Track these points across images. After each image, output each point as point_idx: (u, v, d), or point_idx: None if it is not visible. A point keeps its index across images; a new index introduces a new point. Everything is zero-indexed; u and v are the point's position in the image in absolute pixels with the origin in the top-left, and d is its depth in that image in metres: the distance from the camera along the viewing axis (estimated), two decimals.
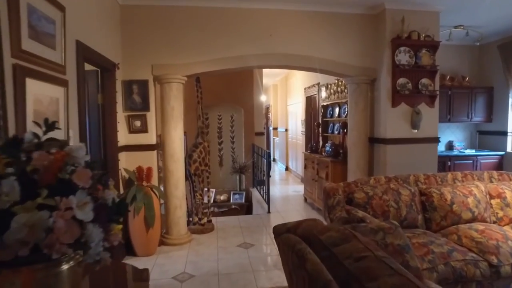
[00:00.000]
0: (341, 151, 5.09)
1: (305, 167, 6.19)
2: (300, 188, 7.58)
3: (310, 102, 7.91)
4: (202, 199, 4.63)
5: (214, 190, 7.53)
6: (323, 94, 6.61)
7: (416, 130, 4.22)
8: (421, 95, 4.17)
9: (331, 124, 6.03)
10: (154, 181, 4.08)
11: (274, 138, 12.78)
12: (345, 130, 5.12)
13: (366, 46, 4.37)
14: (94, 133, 3.56)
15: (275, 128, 12.36)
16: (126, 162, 4.04)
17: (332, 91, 5.87)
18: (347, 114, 5.30)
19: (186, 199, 5.08)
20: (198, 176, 4.51)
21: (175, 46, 4.09)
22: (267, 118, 13.87)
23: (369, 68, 4.38)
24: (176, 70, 4.07)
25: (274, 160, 12.87)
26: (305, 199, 6.34)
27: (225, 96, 7.70)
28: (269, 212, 5.61)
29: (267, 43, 4.18)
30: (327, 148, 5.51)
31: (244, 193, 7.45)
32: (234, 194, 7.50)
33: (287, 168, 10.54)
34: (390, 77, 4.14)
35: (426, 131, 4.24)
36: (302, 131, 8.39)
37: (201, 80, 7.57)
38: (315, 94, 7.32)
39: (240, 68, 4.34)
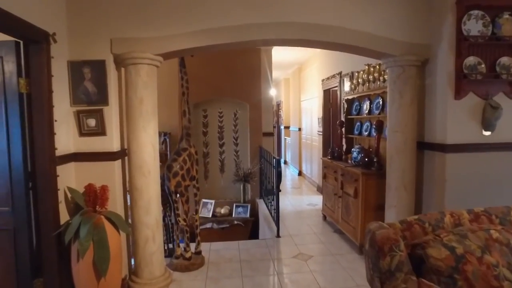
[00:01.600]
0: (375, 159, 3.82)
1: (324, 176, 4.93)
2: (317, 200, 6.31)
3: (328, 96, 6.62)
4: (187, 225, 3.42)
5: (213, 201, 6.35)
6: (346, 86, 5.33)
7: (490, 132, 2.93)
8: (499, 81, 2.88)
9: (358, 123, 4.75)
10: (114, 204, 2.89)
11: (285, 138, 11.51)
12: (380, 131, 3.84)
13: (417, 12, 3.09)
14: (14, 137, 2.39)
15: (287, 127, 11.10)
16: (77, 178, 2.87)
17: (359, 81, 4.58)
18: (381, 109, 4.02)
19: (167, 225, 3.90)
20: (181, 195, 3.30)
21: (145, 11, 2.88)
22: (278, 116, 12.62)
23: (420, 45, 3.10)
24: (146, 47, 2.87)
25: (285, 162, 11.62)
26: (324, 217, 5.08)
27: (227, 89, 6.49)
28: (278, 236, 4.37)
29: (277, 9, 2.94)
30: (355, 155, 4.24)
31: (249, 205, 6.23)
32: (237, 206, 6.30)
33: (300, 173, 9.27)
34: (454, 55, 2.85)
35: (505, 134, 2.94)
36: (318, 131, 7.11)
37: (191, 65, 6.38)
38: (336, 87, 6.03)
39: (238, 44, 3.11)
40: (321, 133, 6.81)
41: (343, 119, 5.14)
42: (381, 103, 4.07)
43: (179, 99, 3.60)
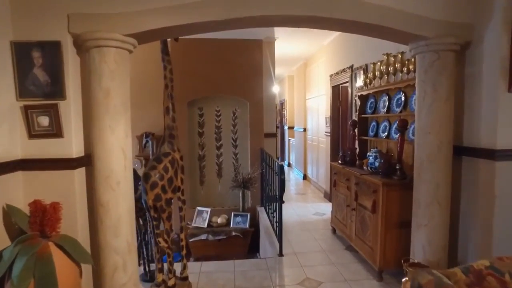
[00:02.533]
0: (397, 167, 3.18)
1: (335, 184, 4.29)
2: (324, 208, 5.68)
3: (338, 93, 5.98)
4: (168, 246, 2.79)
5: (209, 210, 5.74)
6: (359, 81, 4.69)
7: None
8: None
9: (373, 123, 4.12)
10: (73, 226, 2.28)
11: (289, 139, 10.87)
12: (403, 132, 3.20)
13: None
14: None
15: (291, 128, 10.46)
16: (26, 192, 2.26)
17: (376, 74, 3.95)
18: (403, 106, 3.40)
19: (144, 246, 3.31)
20: (161, 210, 2.68)
21: None
22: (282, 116, 12.00)
23: (460, 24, 2.47)
24: (114, 25, 2.26)
25: (289, 165, 10.98)
26: (334, 230, 4.44)
27: (226, 86, 5.88)
28: (281, 254, 3.75)
29: None
30: (371, 160, 3.60)
31: (248, 214, 5.61)
32: (235, 216, 5.68)
33: (305, 177, 8.64)
34: (508, 35, 2.22)
35: None
36: (326, 132, 6.47)
37: (186, 58, 5.79)
38: (346, 82, 5.39)
39: (231, 23, 2.49)
40: (329, 134, 6.17)
41: (355, 118, 4.51)
42: (403, 99, 3.44)
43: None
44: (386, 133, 3.76)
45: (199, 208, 5.79)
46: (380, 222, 3.07)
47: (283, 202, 3.77)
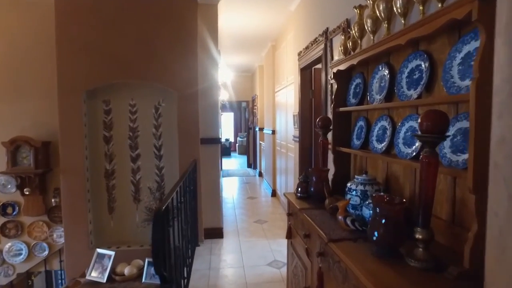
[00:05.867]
0: (422, 237, 1.24)
1: (289, 232, 2.35)
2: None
3: (310, 79, 4.08)
4: None
5: (112, 254, 3.75)
6: (337, 53, 2.77)
7: None
8: None
9: (361, 122, 2.20)
10: None
11: (260, 143, 8.93)
12: (434, 143, 1.25)
13: None
14: None
15: (261, 129, 8.54)
16: None
17: (365, 25, 2.02)
18: (427, 83, 1.45)
19: None
20: None
21: None
22: (253, 115, 10.08)
23: None
24: None
25: (260, 175, 9.05)
26: None
27: (143, 68, 3.92)
28: None
29: None
30: (355, 200, 1.68)
31: None
32: (151, 263, 3.69)
33: (274, 193, 6.70)
34: None
35: None
36: (294, 137, 4.56)
37: (82, 28, 3.96)
38: (319, 59, 3.47)
39: None
40: (298, 139, 4.25)
41: (329, 114, 2.59)
42: (426, 66, 1.52)
43: None
44: (386, 142, 1.84)
45: (99, 250, 3.78)
46: None
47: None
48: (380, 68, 1.93)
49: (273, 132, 6.58)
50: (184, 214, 2.64)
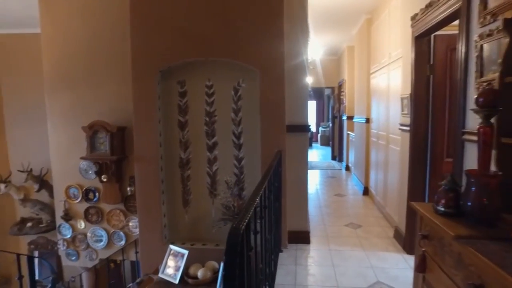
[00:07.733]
0: None
1: (423, 261, 1.57)
2: (395, 273, 2.92)
3: (427, 50, 3.13)
4: None
5: (185, 253, 3.36)
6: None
7: None
8: None
9: None
10: None
11: (348, 134, 7.97)
12: None
13: None
14: None
15: (350, 118, 7.59)
16: None
17: None
18: None
19: None
20: None
21: None
22: (340, 102, 9.15)
23: None
24: None
25: (347, 168, 8.14)
26: None
27: (222, 44, 3.42)
28: None
29: None
30: None
31: None
32: None
33: (366, 191, 5.79)
34: None
35: None
36: (402, 125, 3.64)
37: (157, 4, 3.36)
38: (454, 12, 2.53)
39: None
40: (409, 128, 3.34)
41: (471, 90, 1.71)
42: None
43: None
44: None
45: (173, 246, 3.41)
46: None
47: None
48: None
49: (367, 120, 5.64)
50: (268, 222, 2.03)
